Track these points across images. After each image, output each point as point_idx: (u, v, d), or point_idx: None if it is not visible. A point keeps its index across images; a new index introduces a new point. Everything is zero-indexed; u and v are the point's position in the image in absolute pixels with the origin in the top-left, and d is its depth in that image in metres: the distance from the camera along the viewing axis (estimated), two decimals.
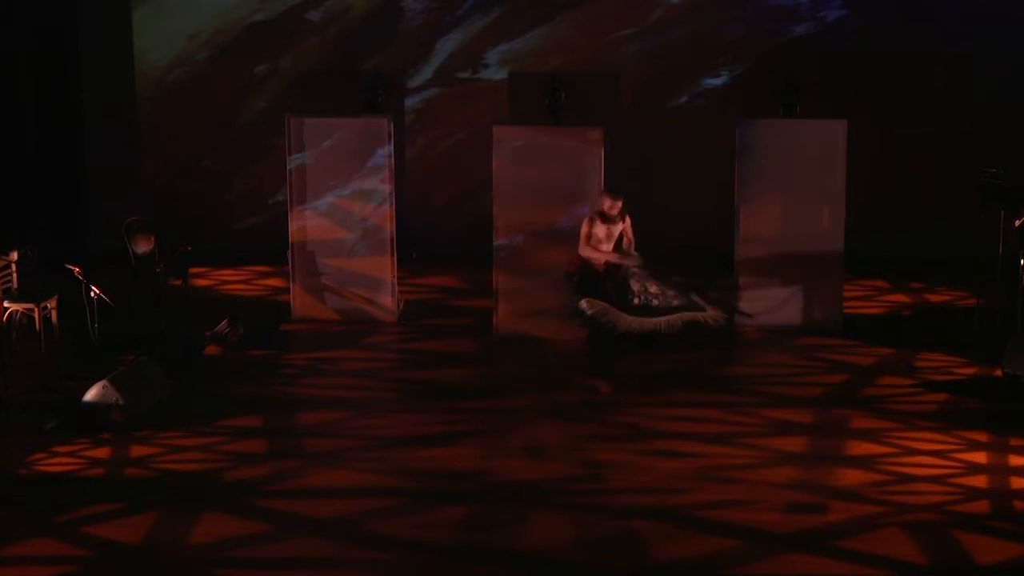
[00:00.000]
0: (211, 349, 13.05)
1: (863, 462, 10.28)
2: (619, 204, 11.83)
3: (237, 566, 8.86)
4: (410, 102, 16.53)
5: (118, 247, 13.84)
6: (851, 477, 10.02)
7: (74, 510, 9.51)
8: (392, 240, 13.93)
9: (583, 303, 11.60)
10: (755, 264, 13.55)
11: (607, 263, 11.79)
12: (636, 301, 11.63)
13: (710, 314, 11.62)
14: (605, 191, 12.10)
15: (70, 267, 12.19)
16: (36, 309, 12.52)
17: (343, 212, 13.91)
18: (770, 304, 13.50)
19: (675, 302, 11.62)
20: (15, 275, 12.70)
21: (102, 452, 10.61)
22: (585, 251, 11.78)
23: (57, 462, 10.42)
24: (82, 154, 16.52)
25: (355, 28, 16.51)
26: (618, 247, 11.89)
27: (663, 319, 11.61)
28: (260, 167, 16.61)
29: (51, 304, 12.74)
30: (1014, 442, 10.59)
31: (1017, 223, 13.02)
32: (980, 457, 10.37)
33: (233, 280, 15.62)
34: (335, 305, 13.98)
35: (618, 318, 11.57)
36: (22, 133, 15.68)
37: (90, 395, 11.11)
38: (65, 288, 12.71)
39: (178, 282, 13.93)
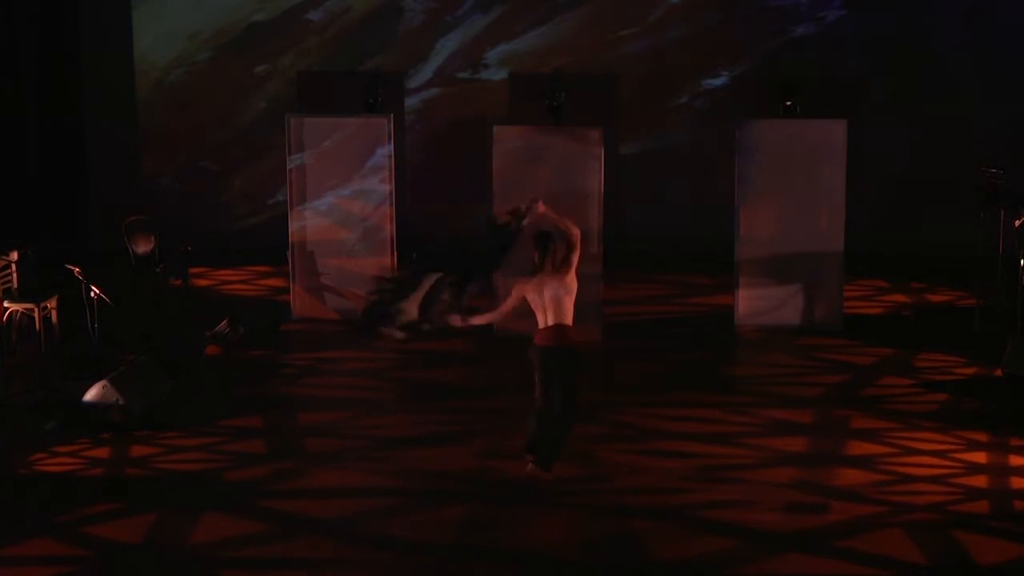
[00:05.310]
0: (211, 349, 13.05)
1: (863, 462, 10.27)
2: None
3: (237, 566, 8.86)
4: (410, 102, 16.52)
5: (118, 247, 13.83)
6: (851, 477, 10.01)
7: (74, 510, 9.51)
8: (392, 240, 13.92)
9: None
10: (755, 264, 13.54)
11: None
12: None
13: None
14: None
15: (70, 267, 12.19)
16: (36, 309, 12.54)
17: (343, 212, 13.91)
18: (770, 304, 13.51)
19: None
20: (15, 275, 12.71)
21: (102, 452, 10.60)
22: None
23: (57, 462, 10.42)
24: (82, 154, 16.52)
25: (355, 28, 16.51)
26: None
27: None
28: (260, 167, 16.61)
29: (51, 304, 12.75)
30: (1014, 442, 10.58)
31: (1017, 223, 13.01)
32: (980, 457, 10.36)
33: (233, 280, 15.61)
34: (335, 305, 13.97)
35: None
36: (22, 133, 15.68)
37: (90, 395, 11.09)
38: (65, 288, 12.71)
39: (178, 282, 13.93)
